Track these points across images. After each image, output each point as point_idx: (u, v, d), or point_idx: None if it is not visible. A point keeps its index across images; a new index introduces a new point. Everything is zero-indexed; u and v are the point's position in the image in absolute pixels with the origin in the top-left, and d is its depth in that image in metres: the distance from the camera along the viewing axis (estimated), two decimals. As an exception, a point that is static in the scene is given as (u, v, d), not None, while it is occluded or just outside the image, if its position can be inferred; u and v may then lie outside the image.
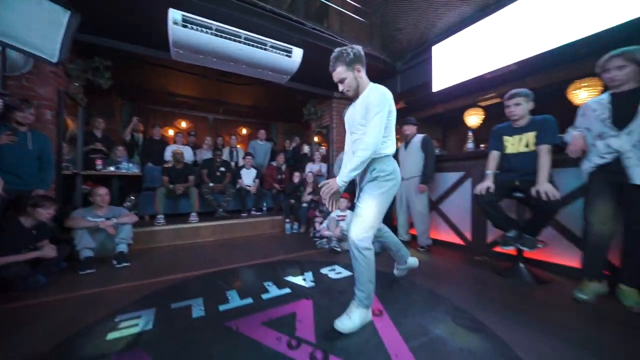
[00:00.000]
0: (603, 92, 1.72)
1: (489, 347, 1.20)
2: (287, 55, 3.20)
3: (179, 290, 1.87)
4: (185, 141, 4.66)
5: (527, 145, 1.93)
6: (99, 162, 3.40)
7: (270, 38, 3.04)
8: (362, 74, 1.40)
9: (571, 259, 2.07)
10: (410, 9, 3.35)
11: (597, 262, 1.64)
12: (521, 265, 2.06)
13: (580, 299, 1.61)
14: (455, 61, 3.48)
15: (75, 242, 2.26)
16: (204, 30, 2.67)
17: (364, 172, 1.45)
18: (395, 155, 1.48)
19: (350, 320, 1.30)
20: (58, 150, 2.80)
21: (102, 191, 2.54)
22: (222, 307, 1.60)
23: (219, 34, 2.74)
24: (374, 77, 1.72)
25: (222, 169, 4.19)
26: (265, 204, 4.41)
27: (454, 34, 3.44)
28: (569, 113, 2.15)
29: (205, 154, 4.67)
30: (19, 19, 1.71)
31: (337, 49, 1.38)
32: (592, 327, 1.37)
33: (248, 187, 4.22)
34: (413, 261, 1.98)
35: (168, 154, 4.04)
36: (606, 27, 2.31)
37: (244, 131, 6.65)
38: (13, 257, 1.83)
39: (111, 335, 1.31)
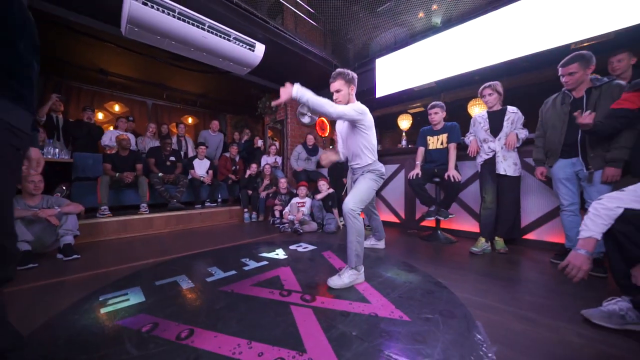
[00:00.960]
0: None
1: (420, 278, 1.75)
2: (250, 49, 3.33)
3: (153, 273, 1.89)
4: (128, 127, 4.19)
5: (442, 143, 2.66)
6: (12, 145, 2.84)
7: (235, 30, 3.12)
8: (353, 93, 1.77)
9: (470, 226, 2.93)
10: (355, 24, 3.91)
11: (488, 226, 2.44)
12: (439, 232, 2.81)
13: (473, 252, 2.35)
14: (393, 74, 4.22)
15: (7, 235, 1.96)
16: (166, 11, 2.59)
17: (361, 169, 1.83)
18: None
19: (340, 279, 1.60)
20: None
21: (37, 178, 2.23)
22: (209, 279, 1.75)
23: (182, 17, 2.69)
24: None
25: (172, 158, 3.97)
26: (220, 195, 4.37)
27: (393, 51, 4.17)
28: (468, 121, 3.02)
29: (149, 142, 4.30)
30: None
31: (340, 69, 1.75)
32: (479, 264, 2.10)
33: (202, 178, 4.12)
34: (382, 244, 2.51)
35: (107, 140, 3.61)
36: (494, 63, 3.31)
37: (190, 120, 6.23)
38: None
39: (104, 310, 1.35)
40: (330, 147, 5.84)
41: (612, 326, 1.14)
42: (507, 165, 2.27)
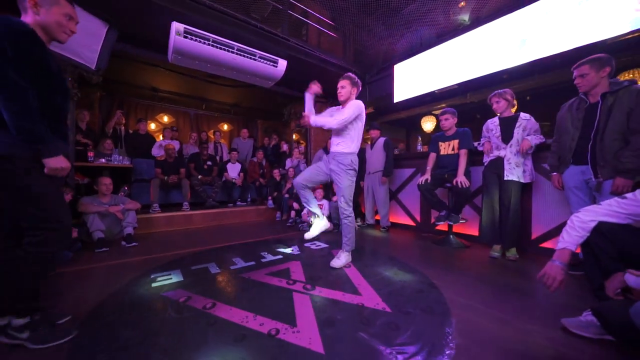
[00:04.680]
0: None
1: (416, 279, 1.89)
2: (273, 65, 3.69)
3: (191, 259, 2.33)
4: (173, 136, 4.89)
5: (453, 149, 2.70)
6: (90, 154, 3.59)
7: (259, 50, 3.50)
8: (354, 94, 2.16)
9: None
10: (373, 34, 4.04)
11: (488, 233, 2.43)
12: (451, 236, 2.85)
13: (494, 256, 2.33)
14: (412, 78, 4.26)
15: (88, 225, 2.57)
16: (202, 41, 3.05)
17: (339, 162, 2.14)
18: (362, 154, 2.12)
19: (339, 260, 2.08)
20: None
21: (107, 181, 2.84)
22: (232, 267, 2.11)
23: (215, 44, 3.14)
24: None
25: (209, 162, 4.54)
26: (249, 196, 4.85)
27: (411, 56, 4.20)
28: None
29: (191, 149, 4.95)
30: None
31: (351, 74, 2.18)
32: (481, 269, 2.14)
33: (234, 180, 4.63)
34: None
35: (156, 150, 4.29)
36: (517, 64, 3.21)
37: (225, 127, 6.92)
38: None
39: (154, 284, 1.77)
40: None
41: (588, 335, 1.16)
42: (518, 172, 2.26)
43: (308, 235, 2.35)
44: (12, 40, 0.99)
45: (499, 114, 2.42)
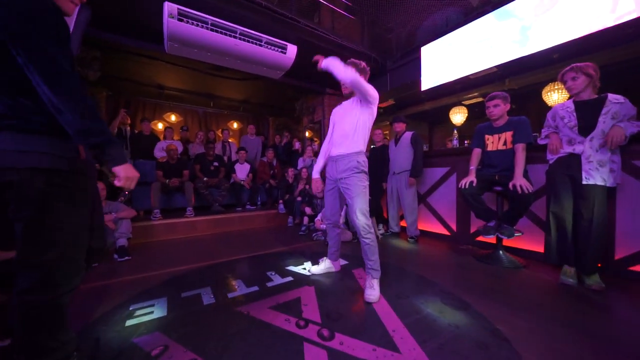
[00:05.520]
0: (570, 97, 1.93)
1: (472, 321, 1.39)
2: (281, 52, 3.26)
3: (185, 280, 1.96)
4: (177, 136, 4.62)
5: (505, 144, 2.14)
6: (89, 156, 3.34)
7: (265, 34, 3.08)
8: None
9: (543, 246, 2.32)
10: (398, 9, 3.48)
11: (555, 251, 1.87)
12: (500, 252, 2.30)
13: (567, 283, 1.78)
14: (442, 62, 3.66)
15: (74, 238, 2.27)
16: (200, 24, 2.67)
17: (345, 166, 1.72)
18: (385, 151, 1.64)
19: (374, 290, 1.61)
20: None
21: (100, 186, 2.53)
22: (230, 295, 1.70)
23: (214, 28, 2.75)
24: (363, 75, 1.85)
25: (216, 163, 4.20)
26: (259, 198, 4.48)
27: (441, 36, 3.61)
28: (544, 112, 2.38)
29: (198, 149, 4.65)
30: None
31: (355, 59, 1.73)
32: (557, 305, 1.60)
33: (242, 182, 4.27)
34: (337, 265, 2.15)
35: (158, 151, 4.01)
36: (574, 37, 2.56)
37: (235, 125, 6.61)
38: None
39: (129, 322, 1.39)
40: None
41: None
42: (603, 174, 1.68)
43: (316, 270, 2.05)
44: (58, 21, 0.77)
45: (573, 96, 1.83)
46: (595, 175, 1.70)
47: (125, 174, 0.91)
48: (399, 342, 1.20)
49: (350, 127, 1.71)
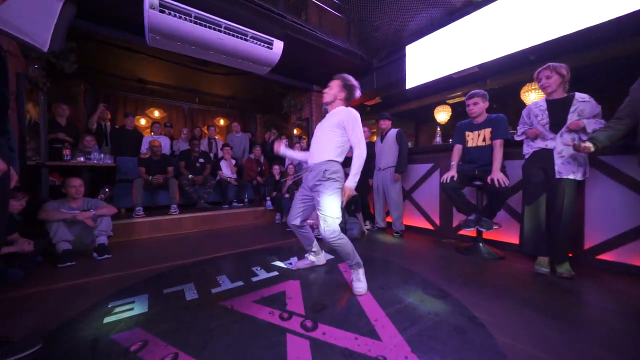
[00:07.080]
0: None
1: (451, 309, 1.44)
2: (267, 47, 3.23)
3: (167, 277, 1.92)
4: (162, 132, 4.49)
5: (484, 140, 2.22)
6: (66, 152, 3.20)
7: (251, 29, 3.04)
8: (342, 98, 1.77)
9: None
10: (384, 9, 3.52)
11: (529, 242, 1.96)
12: (480, 244, 2.39)
13: (541, 272, 1.88)
14: (426, 61, 3.74)
15: (51, 235, 2.17)
16: (183, 17, 2.61)
17: (314, 174, 1.71)
18: (371, 147, 1.67)
19: (362, 282, 1.63)
20: (20, 138, 2.61)
21: (77, 182, 2.43)
22: (214, 290, 1.69)
23: (198, 21, 2.69)
24: (351, 73, 1.90)
25: (201, 160, 4.12)
26: (247, 195, 4.44)
27: (425, 35, 3.68)
28: (521, 111, 2.48)
29: (183, 145, 4.54)
30: (12, 3, 1.59)
31: (346, 75, 1.76)
32: (531, 292, 1.68)
33: (229, 179, 4.21)
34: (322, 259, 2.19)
35: (145, 145, 3.89)
36: (551, 38, 2.67)
37: (222, 122, 6.49)
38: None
39: (107, 319, 1.36)
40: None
41: None
42: (573, 168, 1.78)
43: (301, 264, 2.09)
44: None
45: (547, 95, 1.92)
46: (567, 169, 1.80)
47: None
48: (380, 330, 1.24)
49: (324, 139, 1.74)
